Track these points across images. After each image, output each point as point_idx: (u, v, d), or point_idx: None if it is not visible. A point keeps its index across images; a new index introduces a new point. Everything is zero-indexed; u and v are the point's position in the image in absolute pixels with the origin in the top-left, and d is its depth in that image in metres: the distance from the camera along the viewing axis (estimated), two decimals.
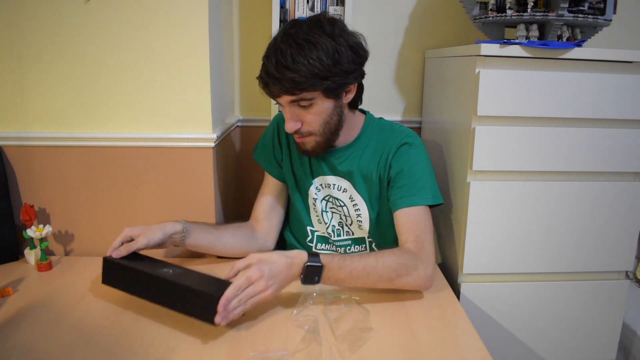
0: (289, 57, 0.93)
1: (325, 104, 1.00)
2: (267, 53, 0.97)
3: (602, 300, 1.21)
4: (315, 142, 1.04)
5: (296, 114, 1.00)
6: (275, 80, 0.95)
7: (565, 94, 1.09)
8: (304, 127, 1.01)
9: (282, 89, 0.95)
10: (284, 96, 0.97)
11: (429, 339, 0.84)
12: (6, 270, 1.10)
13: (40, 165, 1.16)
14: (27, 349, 0.79)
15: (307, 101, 0.98)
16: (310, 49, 0.93)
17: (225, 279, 0.88)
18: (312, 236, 1.19)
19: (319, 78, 0.95)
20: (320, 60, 0.94)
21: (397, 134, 1.12)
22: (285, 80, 0.94)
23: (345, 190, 1.13)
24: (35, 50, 1.10)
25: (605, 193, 1.15)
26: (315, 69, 0.93)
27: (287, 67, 0.93)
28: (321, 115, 1.01)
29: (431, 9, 1.50)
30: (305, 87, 0.95)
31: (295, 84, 0.94)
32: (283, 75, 0.93)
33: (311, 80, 0.94)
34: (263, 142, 1.22)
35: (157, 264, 0.94)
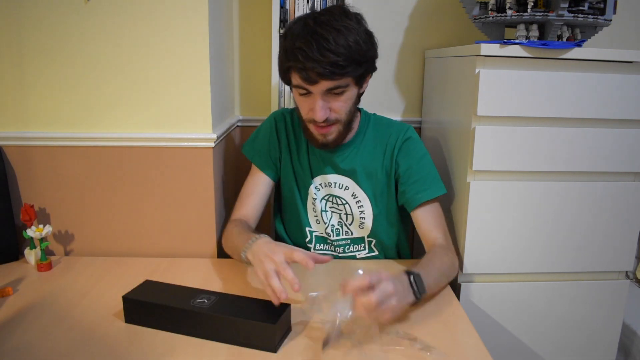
0: (332, 41, 0.92)
1: (353, 92, 1.01)
2: (301, 38, 0.93)
3: (602, 300, 1.21)
4: (338, 131, 1.04)
5: (326, 101, 0.98)
6: (317, 65, 0.92)
7: (565, 94, 1.09)
8: (332, 115, 1.00)
9: (324, 74, 0.93)
10: (322, 82, 0.95)
11: (429, 339, 0.84)
12: (6, 270, 1.10)
13: (40, 165, 1.16)
14: (27, 349, 0.79)
15: (341, 88, 0.97)
16: (348, 33, 0.94)
17: (264, 300, 0.85)
18: (310, 237, 1.19)
19: (357, 63, 0.96)
20: (358, 44, 0.95)
21: (396, 129, 1.14)
22: (329, 64, 0.92)
23: (347, 188, 1.13)
24: (35, 50, 1.10)
25: (605, 193, 1.15)
26: (355, 53, 0.94)
27: (330, 51, 0.91)
28: (348, 102, 1.01)
29: (431, 9, 1.50)
30: (347, 72, 0.94)
31: (339, 68, 0.93)
32: (327, 58, 0.91)
33: (352, 65, 0.94)
34: (257, 139, 1.20)
35: (185, 294, 0.88)
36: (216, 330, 0.82)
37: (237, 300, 0.88)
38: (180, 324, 0.84)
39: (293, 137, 1.17)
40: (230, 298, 0.88)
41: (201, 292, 0.89)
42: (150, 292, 0.89)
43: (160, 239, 1.21)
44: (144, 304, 0.86)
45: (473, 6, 1.26)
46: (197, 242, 1.21)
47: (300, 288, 0.82)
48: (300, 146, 1.16)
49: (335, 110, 1.00)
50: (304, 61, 0.93)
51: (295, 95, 1.04)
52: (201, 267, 1.13)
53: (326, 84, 0.95)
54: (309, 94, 0.99)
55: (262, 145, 1.18)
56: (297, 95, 1.03)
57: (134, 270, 1.10)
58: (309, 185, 1.16)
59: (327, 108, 0.99)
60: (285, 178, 1.18)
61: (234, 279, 1.07)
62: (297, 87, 1.00)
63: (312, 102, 0.99)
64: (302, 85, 0.97)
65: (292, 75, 0.99)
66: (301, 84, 0.97)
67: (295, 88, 1.01)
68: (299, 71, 0.95)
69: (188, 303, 0.85)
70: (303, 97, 1.01)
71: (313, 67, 0.92)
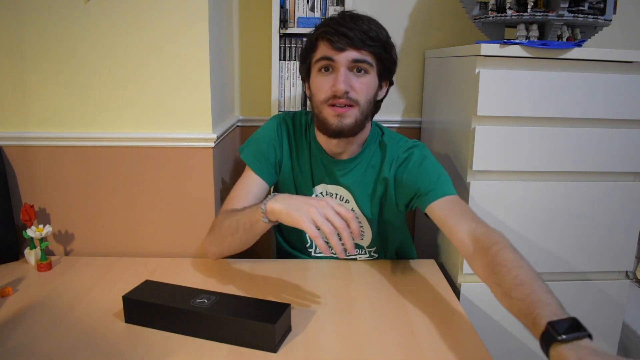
0: (365, 19, 0.99)
1: (374, 81, 1.02)
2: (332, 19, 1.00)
3: (602, 300, 1.21)
4: (355, 116, 1.00)
5: (348, 77, 0.98)
6: (349, 30, 0.95)
7: (565, 94, 1.09)
8: (353, 93, 0.99)
9: (354, 40, 0.96)
10: (350, 51, 0.97)
11: (429, 339, 0.84)
12: (6, 270, 1.10)
13: (40, 165, 1.16)
14: (27, 349, 0.79)
15: (366, 64, 0.99)
16: (379, 26, 1.01)
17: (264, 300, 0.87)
18: (310, 242, 1.18)
19: (383, 48, 1.00)
20: (387, 36, 1.02)
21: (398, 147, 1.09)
22: (360, 32, 0.96)
23: (347, 202, 1.12)
24: (35, 50, 1.10)
25: (605, 193, 1.15)
26: (383, 38, 1.00)
27: (363, 22, 0.97)
28: (369, 88, 1.01)
29: (431, 9, 1.50)
30: (375, 46, 0.98)
31: (369, 38, 0.97)
32: (359, 27, 0.96)
33: (379, 44, 0.99)
34: (256, 140, 1.14)
35: (185, 293, 0.88)
36: (216, 330, 0.82)
37: (237, 300, 0.88)
38: (180, 324, 0.84)
39: (294, 142, 1.14)
40: (230, 298, 0.88)
41: (201, 292, 0.89)
42: (150, 292, 0.89)
43: (160, 239, 1.21)
44: (144, 304, 0.86)
45: (473, 6, 1.26)
46: (197, 242, 1.21)
47: (356, 224, 0.86)
48: (302, 153, 1.13)
49: (355, 89, 0.99)
50: (335, 27, 0.97)
51: (315, 79, 1.02)
52: (201, 267, 1.13)
53: (352, 54, 0.97)
54: (330, 72, 0.99)
55: (261, 147, 1.13)
56: (316, 76, 1.02)
57: (134, 270, 1.10)
58: (308, 193, 1.14)
59: (349, 84, 0.99)
60: (285, 183, 1.15)
61: (234, 279, 1.07)
62: (320, 61, 0.99)
63: (334, 77, 0.98)
64: (327, 55, 0.98)
65: (319, 49, 1.00)
66: (327, 54, 0.98)
67: (317, 65, 1.01)
68: (329, 35, 0.97)
69: (188, 303, 0.85)
70: (323, 76, 1.00)
71: (345, 32, 0.95)
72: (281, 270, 1.11)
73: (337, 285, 1.04)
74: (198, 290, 0.90)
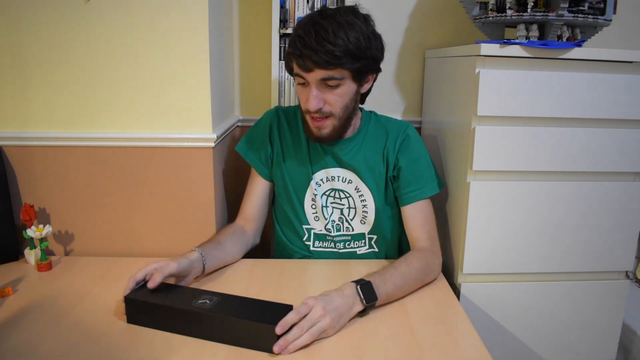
0: (330, 31, 0.95)
1: (350, 87, 1.02)
2: (303, 28, 0.97)
3: (602, 300, 1.21)
4: (333, 126, 1.05)
5: (321, 92, 1.00)
6: (313, 53, 0.94)
7: (565, 94, 1.09)
8: (326, 107, 1.02)
9: (318, 62, 0.95)
10: (317, 70, 0.97)
11: (429, 339, 0.84)
12: (6, 270, 1.10)
13: (40, 165, 1.16)
14: (27, 349, 0.79)
15: (336, 80, 0.99)
16: (349, 28, 0.96)
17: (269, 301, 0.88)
18: (308, 234, 1.19)
19: (354, 57, 0.97)
20: (358, 40, 0.97)
21: (396, 127, 1.17)
22: (324, 53, 0.94)
23: (350, 182, 1.14)
24: (35, 50, 1.10)
25: (605, 193, 1.15)
26: (353, 47, 0.96)
27: (327, 41, 0.94)
28: (344, 97, 1.02)
29: (431, 9, 1.50)
30: (342, 63, 0.96)
31: (334, 58, 0.95)
32: (323, 47, 0.94)
33: (347, 57, 0.96)
34: (250, 137, 1.21)
35: (187, 294, 0.88)
36: (218, 331, 0.82)
37: (239, 301, 0.88)
38: (182, 324, 0.84)
39: (289, 133, 1.17)
40: (232, 299, 0.88)
41: (203, 292, 0.89)
42: (152, 293, 0.89)
43: (160, 239, 1.21)
44: (146, 305, 0.86)
45: (473, 6, 1.26)
46: (197, 242, 1.20)
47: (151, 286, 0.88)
48: (299, 142, 1.16)
49: (329, 102, 1.02)
50: (300, 48, 0.96)
51: (296, 87, 1.06)
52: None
53: (320, 73, 0.97)
54: (306, 85, 1.01)
55: (254, 144, 1.19)
56: (297, 86, 1.05)
57: (134, 270, 1.09)
58: (307, 182, 1.16)
59: (321, 99, 1.01)
60: (279, 177, 1.18)
61: (234, 279, 1.07)
62: (296, 76, 1.02)
63: (308, 92, 1.01)
64: (299, 73, 1.00)
65: (293, 64, 1.01)
66: (298, 72, 0.99)
67: (295, 77, 1.03)
68: (296, 58, 0.97)
69: (190, 304, 0.84)
70: (302, 88, 1.03)
71: (309, 54, 0.95)
72: (281, 270, 1.11)
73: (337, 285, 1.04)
74: (199, 291, 0.90)
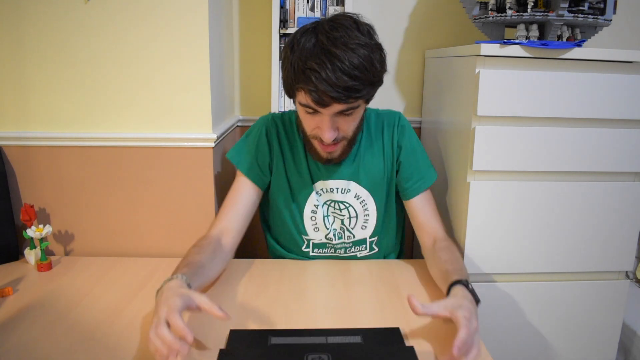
0: (347, 62, 0.86)
1: (362, 109, 0.99)
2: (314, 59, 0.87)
3: (602, 300, 1.21)
4: (343, 147, 1.02)
5: (335, 121, 0.95)
6: (332, 89, 0.86)
7: (565, 94, 1.09)
8: (339, 134, 0.98)
9: (339, 98, 0.88)
10: (335, 105, 0.90)
11: (429, 339, 0.84)
12: (6, 270, 1.10)
13: (40, 165, 1.16)
14: (27, 349, 0.79)
15: (352, 109, 0.94)
16: (362, 52, 0.88)
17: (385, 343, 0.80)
18: (307, 244, 1.17)
19: (372, 85, 0.92)
20: (373, 66, 0.90)
21: (388, 119, 1.15)
22: (345, 89, 0.87)
23: (349, 191, 1.12)
24: (35, 51, 1.10)
25: (605, 193, 1.15)
26: (369, 74, 0.90)
27: (346, 74, 0.86)
28: (356, 120, 0.99)
29: (431, 9, 1.50)
30: (362, 95, 0.91)
31: (355, 92, 0.88)
32: (343, 82, 0.86)
33: (367, 88, 0.91)
34: (244, 145, 1.13)
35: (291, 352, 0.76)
36: None
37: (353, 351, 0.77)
38: None
39: (287, 143, 1.12)
40: (345, 350, 0.77)
41: (306, 348, 0.76)
42: (247, 347, 0.78)
43: (160, 239, 1.21)
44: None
45: (473, 6, 1.26)
46: None
47: (192, 339, 0.69)
48: (297, 152, 1.12)
49: (342, 129, 0.98)
50: (317, 83, 0.87)
51: (300, 112, 0.99)
52: None
53: (338, 107, 0.91)
54: (315, 113, 0.95)
55: (250, 151, 1.12)
56: (302, 112, 0.98)
57: (134, 270, 1.10)
58: (307, 192, 1.12)
59: (335, 128, 0.96)
60: (278, 187, 1.13)
61: (233, 279, 1.07)
62: (304, 106, 0.94)
63: (320, 121, 0.95)
64: (311, 106, 0.92)
65: (301, 94, 0.93)
66: (311, 105, 0.92)
67: (301, 106, 0.96)
68: (310, 93, 0.89)
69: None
70: (309, 115, 0.97)
71: (327, 90, 0.87)
72: (281, 270, 1.11)
73: (337, 285, 1.04)
74: (301, 346, 0.77)
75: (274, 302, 0.96)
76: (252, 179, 1.11)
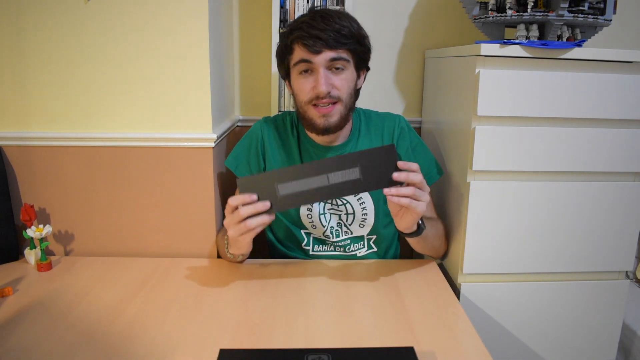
0: (335, 16, 1.00)
1: (352, 74, 1.06)
2: (306, 16, 1.02)
3: (602, 300, 1.21)
4: (339, 112, 1.05)
5: (328, 76, 1.02)
6: (321, 32, 0.98)
7: (565, 94, 1.09)
8: (334, 91, 1.03)
9: (328, 41, 0.98)
10: (326, 51, 0.99)
11: (429, 339, 0.84)
12: (6, 270, 1.10)
13: (40, 165, 1.16)
14: (27, 349, 0.79)
15: (343, 62, 1.02)
16: (350, 18, 1.03)
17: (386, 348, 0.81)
18: (307, 239, 1.18)
19: (357, 41, 1.03)
20: (360, 28, 1.04)
21: (389, 121, 1.18)
22: (333, 32, 0.98)
23: None
24: (35, 51, 1.10)
25: (605, 193, 1.15)
26: (355, 31, 1.02)
27: (335, 22, 0.99)
28: (349, 83, 1.05)
29: (431, 9, 1.50)
30: (349, 43, 1.01)
31: (342, 37, 0.99)
32: (332, 27, 0.98)
33: (353, 39, 1.02)
34: (239, 150, 1.19)
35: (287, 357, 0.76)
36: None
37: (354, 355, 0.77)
38: None
39: (280, 144, 1.16)
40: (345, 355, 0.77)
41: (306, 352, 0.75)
42: None
43: (160, 239, 1.21)
44: None
45: (473, 6, 1.26)
46: (197, 242, 1.21)
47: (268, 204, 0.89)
48: (291, 152, 1.15)
49: (337, 87, 1.03)
50: (308, 30, 0.98)
51: (296, 81, 1.06)
52: (201, 267, 1.13)
53: (329, 54, 1.00)
54: (309, 73, 1.02)
55: (245, 157, 1.18)
56: (297, 80, 1.05)
57: (134, 270, 1.10)
58: None
59: (330, 83, 1.02)
60: None
61: (234, 279, 1.07)
62: (298, 64, 1.02)
63: (314, 78, 1.02)
64: (304, 58, 1.00)
65: (295, 52, 1.02)
66: (304, 56, 1.00)
67: (296, 68, 1.03)
68: (304, 40, 0.99)
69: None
70: (303, 79, 1.04)
71: (318, 34, 0.98)
72: (281, 270, 1.11)
73: (337, 285, 1.04)
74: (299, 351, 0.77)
75: (274, 302, 0.96)
76: None
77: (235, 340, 0.83)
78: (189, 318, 0.90)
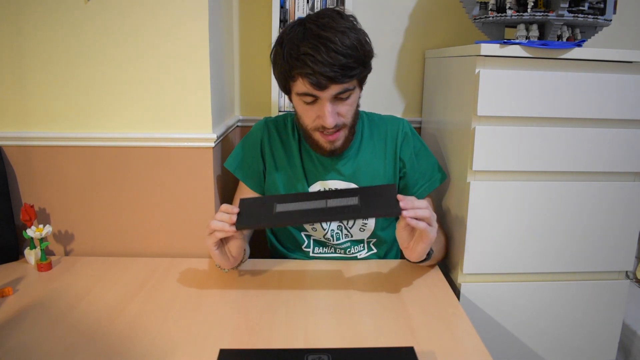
0: (339, 42, 0.90)
1: (357, 94, 1.02)
2: (306, 44, 0.91)
3: (602, 300, 1.21)
4: (345, 136, 1.04)
5: (334, 106, 0.98)
6: (327, 68, 0.89)
7: (565, 94, 1.09)
8: (339, 120, 1.00)
9: (335, 78, 0.91)
10: (332, 87, 0.93)
11: (429, 339, 0.84)
12: (6, 270, 1.10)
13: (40, 165, 1.16)
14: (27, 349, 0.79)
15: (349, 92, 0.97)
16: (351, 34, 0.93)
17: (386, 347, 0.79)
18: (308, 241, 1.18)
19: (364, 64, 0.96)
20: (362, 44, 0.94)
21: (392, 125, 1.16)
22: (339, 67, 0.90)
23: None
24: (35, 51, 1.10)
25: (605, 193, 1.15)
26: (361, 54, 0.94)
27: (339, 53, 0.90)
28: (353, 105, 1.02)
29: (431, 9, 1.50)
30: (356, 73, 0.94)
31: (349, 70, 0.92)
32: (338, 61, 0.90)
33: (360, 66, 0.94)
34: (239, 152, 1.18)
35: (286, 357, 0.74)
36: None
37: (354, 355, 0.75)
38: None
39: (281, 146, 1.14)
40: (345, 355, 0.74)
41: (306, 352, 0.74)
42: None
43: (160, 239, 1.21)
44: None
45: (473, 6, 1.26)
46: (197, 242, 1.21)
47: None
48: (291, 154, 1.13)
49: (342, 114, 1.00)
50: (313, 66, 0.90)
51: (298, 105, 1.01)
52: (201, 267, 1.13)
53: (336, 88, 0.94)
54: (314, 102, 0.97)
55: (245, 159, 1.17)
56: (300, 104, 1.00)
57: (134, 270, 1.10)
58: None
59: (336, 113, 0.98)
60: (271, 190, 1.15)
61: (234, 279, 1.07)
62: (302, 95, 0.97)
63: (320, 109, 0.98)
64: (310, 92, 0.95)
65: (298, 83, 0.96)
66: (309, 91, 0.94)
67: (299, 97, 0.98)
68: (308, 77, 0.92)
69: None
70: (308, 106, 0.99)
71: (323, 71, 0.90)
72: (281, 271, 1.11)
73: (337, 285, 1.04)
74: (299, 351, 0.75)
75: (274, 302, 0.96)
76: (251, 186, 1.17)
77: (235, 340, 0.83)
78: (189, 318, 0.90)
